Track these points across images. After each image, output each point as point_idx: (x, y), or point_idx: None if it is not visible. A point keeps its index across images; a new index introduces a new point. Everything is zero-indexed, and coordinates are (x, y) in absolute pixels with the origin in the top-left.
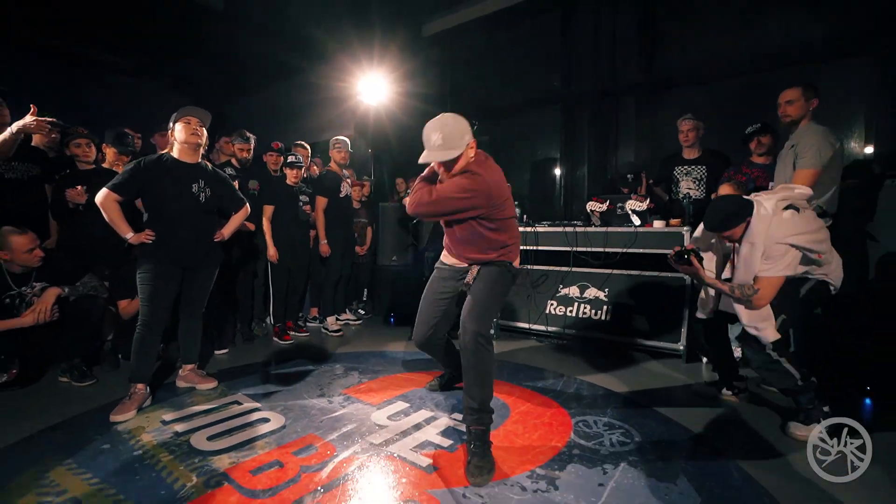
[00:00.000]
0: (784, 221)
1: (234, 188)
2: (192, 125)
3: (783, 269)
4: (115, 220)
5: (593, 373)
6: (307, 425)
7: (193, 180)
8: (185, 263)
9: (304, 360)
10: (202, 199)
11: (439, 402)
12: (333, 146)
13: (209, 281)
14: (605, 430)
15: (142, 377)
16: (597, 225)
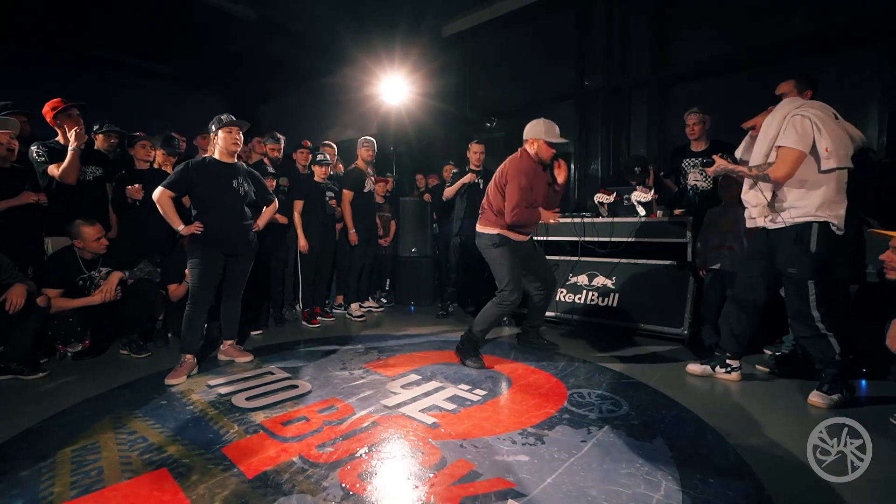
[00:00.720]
0: (809, 103)
1: (266, 185)
2: (233, 134)
3: (797, 139)
4: (169, 213)
5: (596, 354)
6: (330, 391)
7: (233, 177)
8: (228, 250)
9: (330, 341)
10: (241, 193)
11: (448, 376)
12: (362, 145)
13: (248, 267)
14: (597, 400)
15: (191, 348)
16: (604, 216)
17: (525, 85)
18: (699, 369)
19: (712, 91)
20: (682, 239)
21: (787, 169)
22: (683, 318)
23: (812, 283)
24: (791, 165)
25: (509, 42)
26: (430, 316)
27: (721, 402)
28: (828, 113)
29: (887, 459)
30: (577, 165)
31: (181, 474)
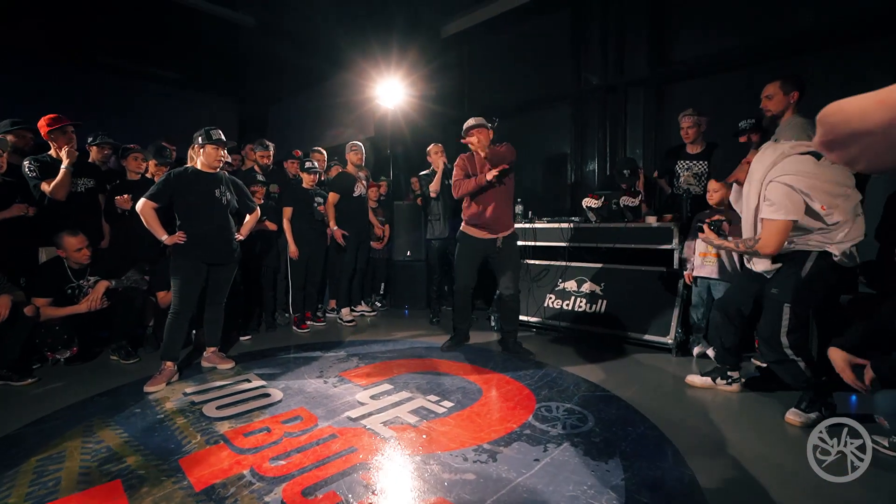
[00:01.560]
0: (789, 161)
1: (248, 193)
2: (219, 151)
3: (783, 211)
4: (152, 224)
5: (578, 364)
6: (300, 400)
7: (216, 187)
8: (211, 259)
9: (315, 347)
10: (224, 202)
11: (420, 386)
12: (350, 149)
13: (230, 275)
14: (564, 415)
15: (171, 356)
16: (593, 221)
17: (521, 86)
18: (700, 381)
19: (710, 90)
20: (669, 245)
21: (775, 242)
22: (671, 326)
23: (788, 307)
24: (779, 237)
25: (505, 43)
26: (423, 320)
27: (694, 418)
28: (804, 164)
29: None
30: (572, 166)
31: (132, 486)
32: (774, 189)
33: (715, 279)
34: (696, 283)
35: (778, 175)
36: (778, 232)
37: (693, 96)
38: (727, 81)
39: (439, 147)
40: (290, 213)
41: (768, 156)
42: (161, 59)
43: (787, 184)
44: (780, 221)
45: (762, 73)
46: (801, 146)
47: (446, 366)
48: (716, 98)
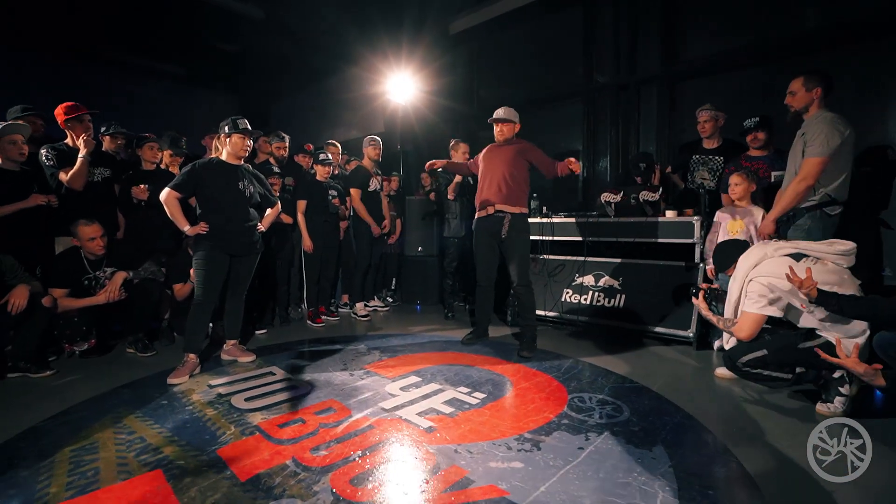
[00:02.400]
0: (771, 262)
1: (270, 186)
2: (245, 140)
3: (757, 306)
4: (175, 214)
5: (600, 356)
6: (329, 392)
7: (239, 179)
8: (233, 251)
9: (333, 341)
10: (247, 195)
11: (449, 378)
12: (368, 143)
13: (251, 267)
14: (598, 405)
15: (194, 348)
16: (611, 216)
17: (532, 82)
18: (729, 374)
19: (723, 88)
20: (691, 239)
21: (749, 330)
22: (691, 319)
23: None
24: (754, 327)
25: (516, 39)
26: (436, 315)
27: (726, 408)
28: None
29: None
30: (585, 163)
31: (175, 476)
32: (754, 286)
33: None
34: (717, 277)
35: (758, 275)
36: (754, 322)
37: (706, 94)
38: (740, 79)
39: (466, 147)
40: (304, 207)
41: (754, 255)
42: (163, 53)
43: (766, 284)
44: (756, 314)
45: (776, 71)
46: (786, 248)
47: (470, 358)
48: (729, 96)
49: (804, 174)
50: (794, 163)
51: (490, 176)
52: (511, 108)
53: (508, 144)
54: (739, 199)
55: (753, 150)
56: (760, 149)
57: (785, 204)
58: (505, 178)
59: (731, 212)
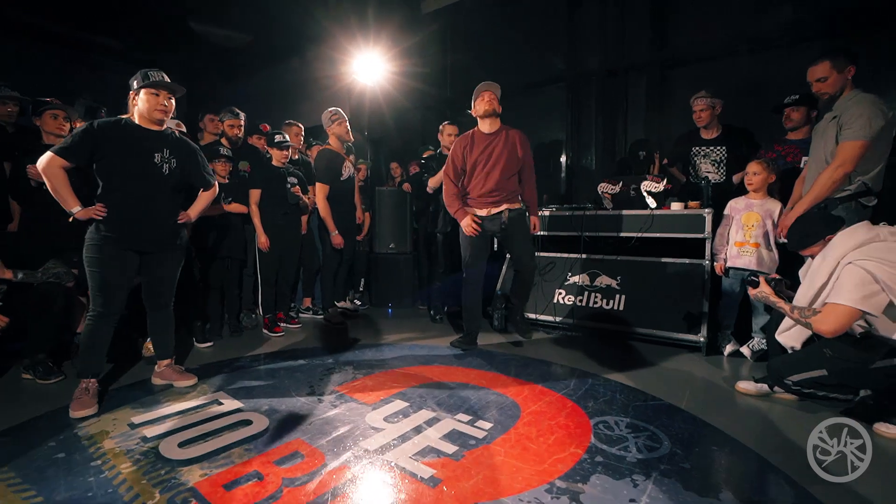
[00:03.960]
0: (880, 246)
1: (205, 162)
2: (161, 99)
3: (853, 297)
4: (59, 189)
5: (608, 367)
6: (293, 428)
7: (156, 149)
8: (143, 247)
9: (295, 354)
10: (165, 172)
11: (442, 401)
12: (331, 119)
13: (174, 268)
14: (629, 432)
15: (91, 371)
16: (609, 208)
17: (511, 66)
18: (753, 388)
19: (718, 74)
20: (701, 234)
21: (834, 326)
22: (701, 323)
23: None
24: (840, 323)
25: (494, 19)
26: (411, 320)
27: (777, 432)
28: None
29: None
30: (568, 154)
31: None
32: (850, 272)
33: (752, 271)
34: (728, 275)
35: (860, 258)
36: (844, 315)
37: (701, 81)
38: (736, 66)
39: (454, 129)
40: (257, 197)
41: (860, 234)
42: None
43: (867, 269)
44: (848, 308)
45: (774, 56)
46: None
47: (463, 374)
48: (725, 83)
49: (842, 159)
50: (824, 149)
51: (488, 172)
52: None
53: (503, 131)
54: (756, 189)
55: (790, 133)
56: (796, 130)
57: (818, 193)
58: (505, 173)
59: (746, 203)
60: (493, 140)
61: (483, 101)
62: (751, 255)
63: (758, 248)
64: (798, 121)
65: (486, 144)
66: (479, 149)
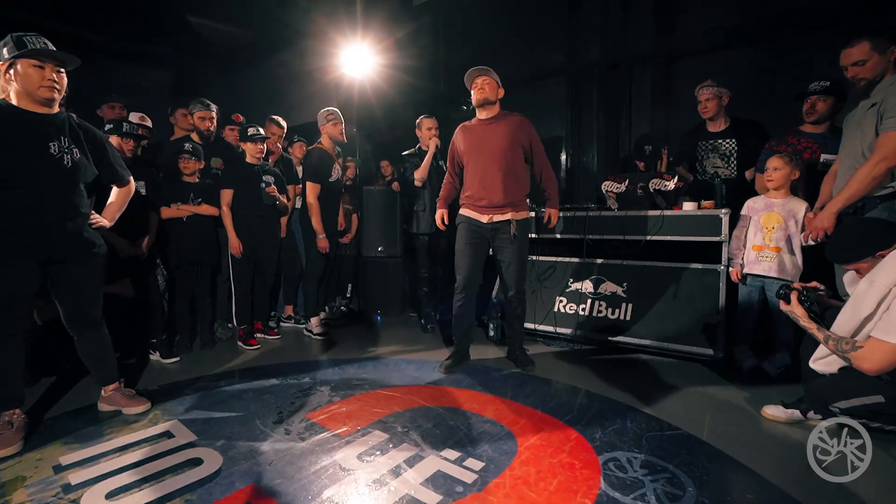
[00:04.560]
0: None
1: (115, 153)
2: (46, 72)
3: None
4: None
5: (615, 387)
6: (248, 470)
7: (50, 137)
8: (43, 253)
9: (268, 371)
10: (67, 164)
11: (426, 431)
12: (327, 119)
13: (92, 280)
14: (645, 474)
15: (7, 400)
16: (614, 208)
17: (508, 59)
18: (784, 414)
19: (727, 65)
20: (717, 237)
21: (879, 365)
22: (717, 335)
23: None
24: (888, 363)
25: (489, 9)
26: (401, 329)
27: (813, 471)
28: None
29: None
30: (569, 151)
31: None
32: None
33: (773, 277)
34: (746, 282)
35: None
36: (891, 355)
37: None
38: (746, 57)
39: (433, 122)
40: (229, 197)
41: None
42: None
43: None
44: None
45: (788, 44)
46: None
47: (452, 396)
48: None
49: (885, 153)
50: (861, 142)
51: (482, 165)
52: None
53: (501, 118)
54: (777, 187)
55: (808, 123)
56: (818, 123)
57: (854, 190)
58: (503, 167)
59: (765, 203)
60: (488, 127)
61: (476, 87)
62: (771, 261)
63: (779, 253)
64: (823, 112)
65: (481, 132)
66: (472, 137)
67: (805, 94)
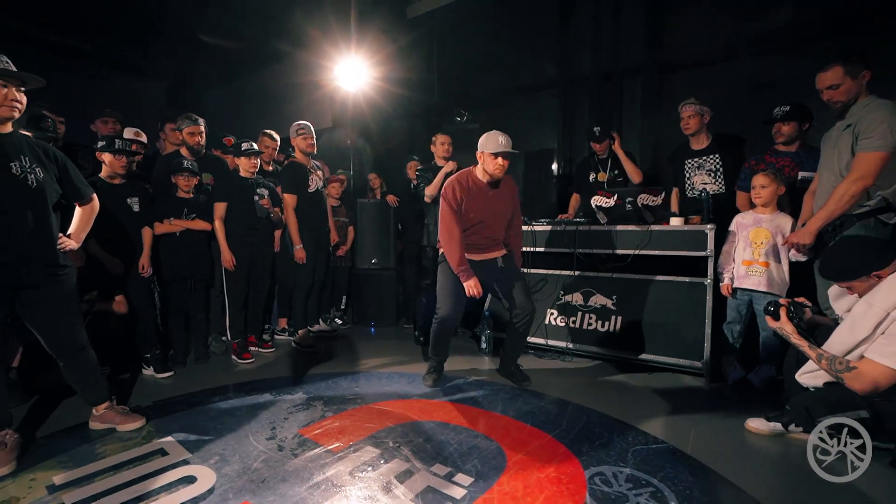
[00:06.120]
0: None
1: (75, 169)
2: (10, 91)
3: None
4: None
5: (603, 400)
6: (242, 488)
7: (11, 157)
8: (11, 279)
9: (262, 385)
10: (32, 184)
11: (417, 446)
12: (297, 133)
13: (64, 302)
14: (630, 488)
15: (1, 423)
16: (603, 222)
17: (501, 70)
18: (766, 428)
19: (717, 78)
20: (703, 252)
21: (871, 387)
22: (703, 347)
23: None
24: (879, 385)
25: (482, 23)
26: (393, 341)
27: (798, 486)
28: None
29: None
30: (560, 163)
31: None
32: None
33: (761, 291)
34: (735, 296)
35: None
36: (883, 378)
37: (697, 86)
38: (736, 70)
39: (446, 138)
40: (222, 211)
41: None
42: (73, 28)
43: None
44: (889, 371)
45: (775, 59)
46: None
47: (444, 411)
48: (724, 88)
49: (861, 172)
50: (838, 161)
51: (489, 222)
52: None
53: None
54: (765, 204)
55: (780, 144)
56: (787, 144)
57: (833, 209)
58: (503, 224)
59: (754, 219)
60: (495, 193)
61: (497, 164)
62: (760, 276)
63: (767, 268)
64: (789, 135)
65: (489, 196)
66: (480, 199)
67: (770, 120)
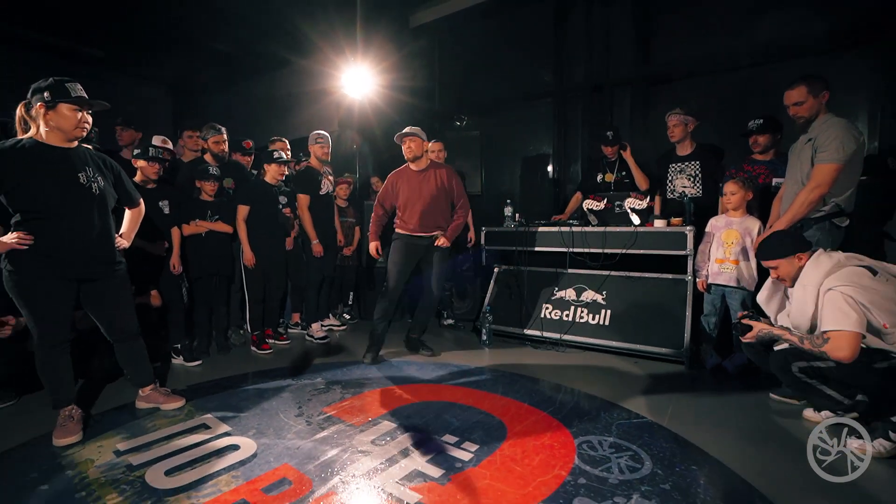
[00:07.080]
0: (847, 272)
1: (127, 177)
2: (81, 115)
3: (850, 322)
4: None
5: (593, 383)
6: (281, 453)
7: (78, 168)
8: (78, 273)
9: (283, 373)
10: (95, 192)
11: (429, 421)
12: (315, 140)
13: (124, 296)
14: (612, 452)
15: (64, 399)
16: (594, 224)
17: (500, 80)
18: (818, 417)
19: (701, 92)
20: (683, 251)
21: (850, 352)
22: (683, 337)
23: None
24: (854, 348)
25: (482, 34)
26: (399, 334)
27: (761, 450)
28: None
29: None
30: (555, 168)
31: None
32: (836, 298)
33: (732, 287)
34: (710, 291)
35: (837, 284)
36: (852, 339)
37: (683, 98)
38: (718, 83)
39: (439, 145)
40: (245, 213)
41: (824, 263)
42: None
43: (848, 294)
44: (852, 333)
45: (754, 74)
46: (856, 258)
47: (451, 392)
48: (707, 100)
49: (818, 182)
50: (800, 171)
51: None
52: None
53: (431, 169)
54: (735, 208)
55: (756, 154)
56: (763, 153)
57: (794, 213)
58: (434, 208)
59: (726, 221)
60: (422, 179)
61: (404, 147)
62: (731, 272)
63: (737, 265)
64: (764, 145)
65: (416, 183)
66: (409, 186)
67: (746, 132)
